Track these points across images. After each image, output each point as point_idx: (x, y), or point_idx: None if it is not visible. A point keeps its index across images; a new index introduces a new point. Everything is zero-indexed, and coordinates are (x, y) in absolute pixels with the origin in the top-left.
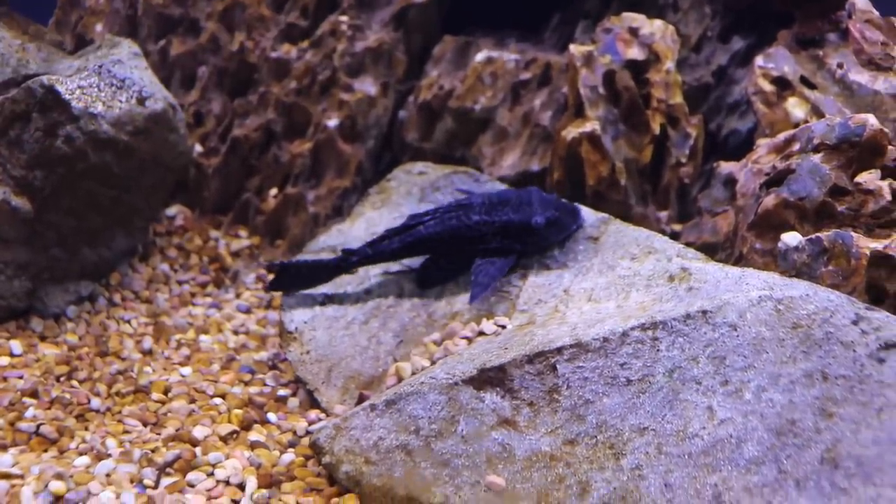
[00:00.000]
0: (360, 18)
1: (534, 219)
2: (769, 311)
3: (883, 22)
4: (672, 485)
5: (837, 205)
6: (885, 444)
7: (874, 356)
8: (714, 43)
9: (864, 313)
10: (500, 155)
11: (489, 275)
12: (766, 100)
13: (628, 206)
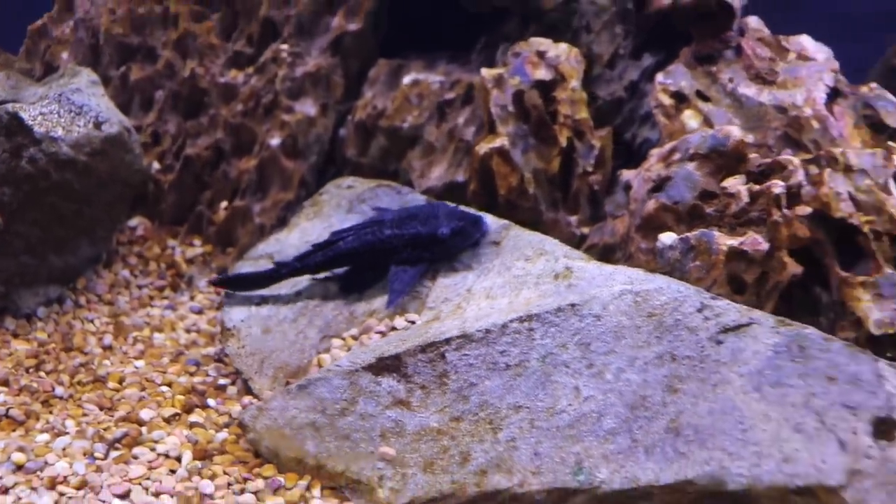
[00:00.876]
0: (300, 46)
1: (440, 230)
2: (629, 302)
3: (772, 39)
4: (541, 454)
5: (706, 207)
6: (718, 413)
7: (714, 339)
8: (626, 60)
9: (708, 302)
10: (429, 168)
11: (404, 281)
12: (665, 112)
13: (539, 213)
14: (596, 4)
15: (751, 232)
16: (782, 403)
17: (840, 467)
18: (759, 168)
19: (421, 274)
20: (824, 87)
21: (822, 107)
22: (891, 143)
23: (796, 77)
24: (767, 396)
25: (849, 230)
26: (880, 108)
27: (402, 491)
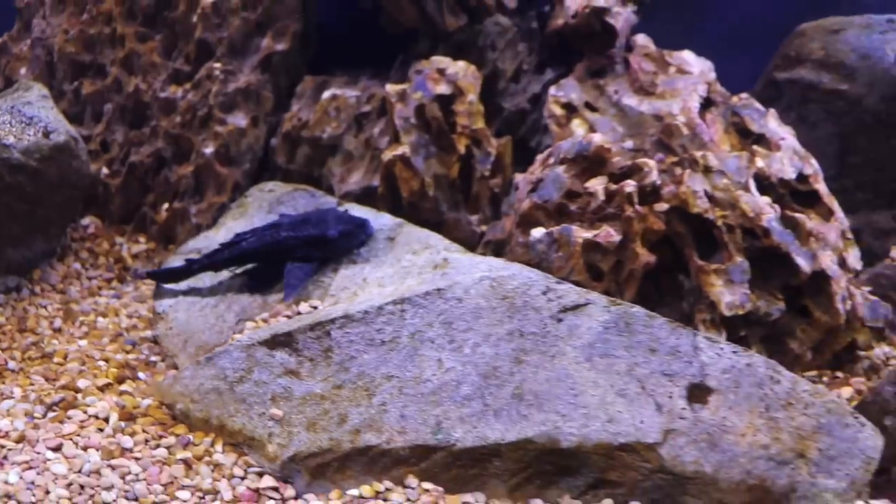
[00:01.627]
0: (233, 64)
1: (329, 232)
2: (487, 287)
3: (657, 54)
4: (406, 416)
5: (570, 205)
6: (554, 381)
7: (555, 317)
8: (530, 75)
9: (553, 286)
10: (348, 174)
11: (298, 277)
12: (557, 121)
13: (440, 213)
14: (499, 25)
15: (605, 226)
16: (609, 372)
17: (657, 427)
18: (621, 170)
19: (314, 270)
20: (698, 97)
21: (695, 115)
22: (755, 146)
23: (674, 88)
24: (597, 366)
25: (706, 224)
26: (746, 115)
27: (288, 446)
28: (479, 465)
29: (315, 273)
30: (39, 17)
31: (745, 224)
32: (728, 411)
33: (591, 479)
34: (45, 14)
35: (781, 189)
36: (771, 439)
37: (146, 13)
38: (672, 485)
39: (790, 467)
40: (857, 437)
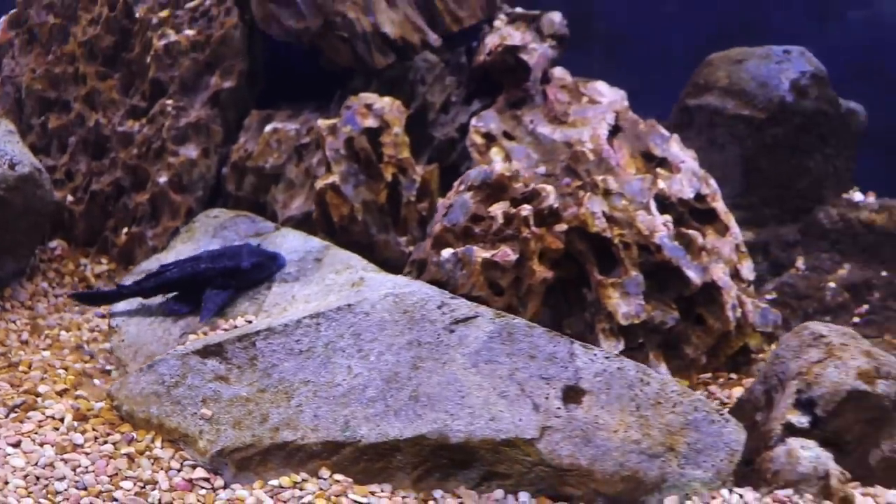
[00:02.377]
0: (184, 101)
1: (242, 264)
2: (390, 302)
3: (573, 86)
4: (319, 416)
5: (475, 228)
6: (444, 384)
7: (447, 328)
8: (459, 106)
9: (447, 300)
10: (290, 200)
11: (214, 302)
12: (478, 150)
13: (370, 235)
14: (427, 61)
15: (504, 246)
16: (492, 376)
17: (534, 424)
18: (522, 195)
19: (229, 297)
20: (607, 124)
21: (603, 141)
22: (658, 169)
23: (584, 117)
24: (482, 371)
25: (604, 242)
26: (650, 141)
27: (216, 442)
28: (383, 459)
29: (231, 299)
30: (9, 58)
31: (640, 241)
32: (600, 410)
33: (483, 472)
34: (14, 54)
35: (681, 208)
36: (642, 435)
37: (105, 54)
38: (552, 476)
39: (661, 460)
40: (721, 432)
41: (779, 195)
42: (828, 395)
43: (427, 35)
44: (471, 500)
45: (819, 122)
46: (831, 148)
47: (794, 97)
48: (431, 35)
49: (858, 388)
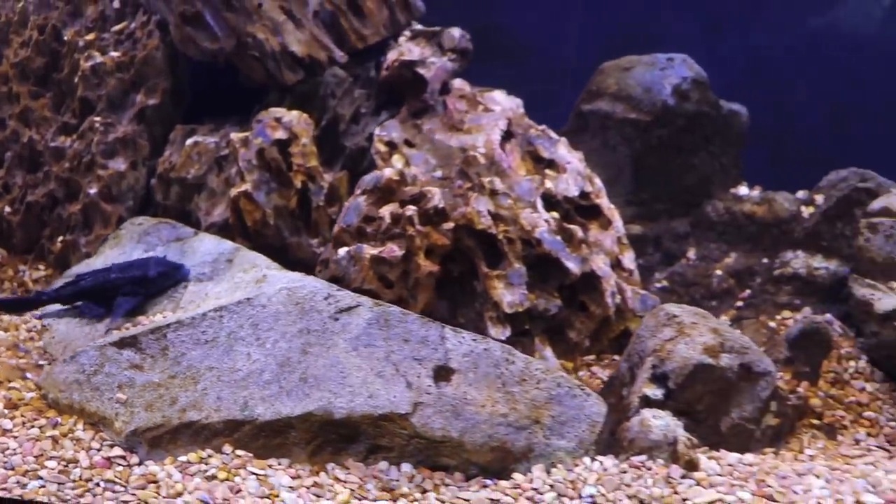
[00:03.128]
0: (111, 117)
1: (149, 273)
2: (284, 295)
3: (471, 95)
4: (222, 398)
5: (367, 227)
6: (329, 366)
7: (332, 317)
8: (368, 117)
9: (333, 292)
10: (212, 208)
11: (123, 307)
12: (382, 157)
13: (283, 238)
14: (336, 76)
15: (391, 244)
16: (371, 358)
17: (407, 401)
18: (411, 197)
19: (139, 302)
20: (499, 130)
21: (496, 146)
22: (546, 170)
23: (479, 124)
24: (361, 354)
25: (491, 238)
26: (539, 144)
27: (130, 423)
28: (280, 436)
29: (140, 304)
30: None
31: (523, 236)
32: (468, 387)
33: (369, 445)
34: None
35: (567, 205)
36: (509, 409)
37: (37, 74)
38: (428, 448)
39: (527, 431)
40: (583, 405)
41: (668, 191)
42: (678, 370)
43: (333, 52)
44: (358, 471)
45: (701, 122)
46: (715, 146)
47: (675, 101)
48: (337, 52)
49: (704, 362)
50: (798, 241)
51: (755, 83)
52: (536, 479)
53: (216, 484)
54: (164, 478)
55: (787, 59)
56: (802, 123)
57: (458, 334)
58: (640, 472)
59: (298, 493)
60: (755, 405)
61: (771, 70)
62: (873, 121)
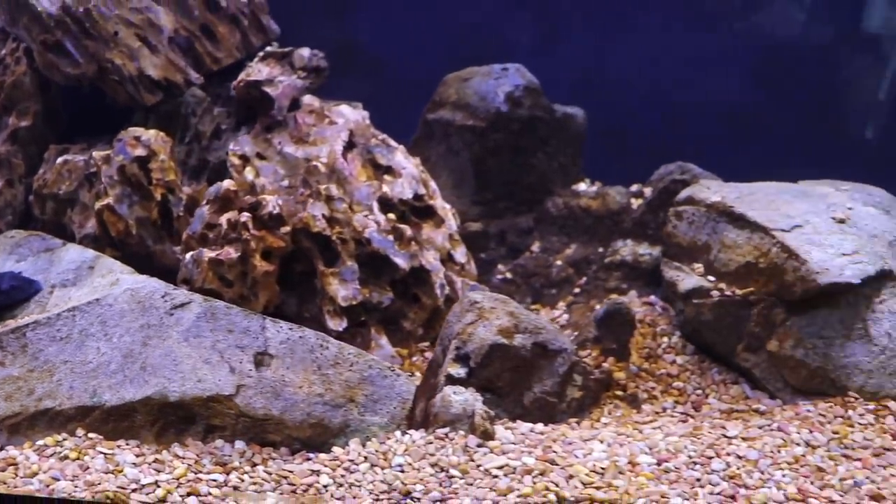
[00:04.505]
0: None
1: (1, 286)
2: (128, 295)
3: (319, 109)
4: (74, 387)
5: (209, 234)
6: (164, 356)
7: (168, 312)
8: (229, 133)
9: (170, 291)
10: (85, 221)
11: None
12: (236, 170)
13: (147, 247)
14: (196, 97)
15: (228, 247)
16: (199, 347)
17: (231, 383)
18: (250, 205)
19: None
20: (342, 141)
21: (338, 156)
22: (385, 176)
23: (323, 136)
24: (192, 344)
25: (326, 239)
26: (377, 153)
27: None
28: (127, 419)
29: None
30: None
31: (355, 237)
32: (286, 371)
33: (205, 425)
34: None
35: (402, 207)
36: (325, 389)
37: None
38: (255, 426)
39: (343, 409)
40: (394, 384)
41: (509, 190)
42: (477, 350)
43: (189, 75)
44: (196, 448)
45: (536, 126)
46: (552, 147)
47: (508, 107)
48: (193, 74)
49: (498, 342)
50: (627, 230)
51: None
52: (352, 452)
53: (68, 463)
54: (23, 461)
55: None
56: (644, 122)
57: (276, 324)
58: (444, 442)
59: (141, 468)
60: (554, 380)
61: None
62: (711, 119)
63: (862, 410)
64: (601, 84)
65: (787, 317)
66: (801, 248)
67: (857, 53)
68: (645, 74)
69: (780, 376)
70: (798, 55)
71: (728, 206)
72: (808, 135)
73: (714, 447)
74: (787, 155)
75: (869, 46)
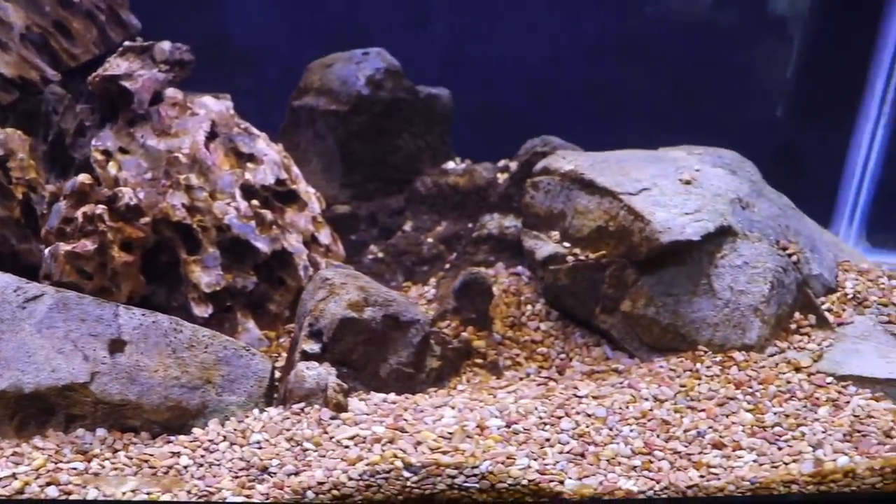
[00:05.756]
0: None
1: None
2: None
3: (182, 101)
4: None
5: (66, 228)
6: (17, 348)
7: (21, 306)
8: (93, 129)
9: (22, 285)
10: None
11: None
12: (100, 165)
13: (11, 246)
14: (56, 94)
15: (84, 240)
16: (52, 338)
17: (85, 371)
18: (106, 198)
19: None
20: (203, 132)
21: (201, 146)
22: (248, 163)
23: (185, 127)
24: (45, 335)
25: (188, 228)
26: (239, 141)
27: None
28: None
29: None
30: None
31: (216, 224)
32: (140, 356)
33: (65, 415)
34: None
35: (265, 193)
36: (181, 372)
37: None
38: (113, 411)
39: (201, 391)
40: (250, 364)
41: (378, 172)
42: (328, 325)
43: (45, 72)
44: (57, 438)
45: (399, 107)
46: (417, 127)
47: (370, 90)
48: (49, 71)
49: (348, 316)
50: (494, 204)
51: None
52: (212, 432)
53: None
54: None
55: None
56: (514, 100)
57: (129, 311)
58: (299, 417)
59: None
60: (410, 350)
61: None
62: (578, 95)
63: (709, 363)
64: (470, 64)
65: (638, 277)
66: (647, 210)
67: (718, 26)
68: (512, 53)
69: (636, 335)
70: (662, 29)
71: (580, 173)
72: (672, 106)
73: (564, 407)
74: (654, 126)
75: (726, 17)
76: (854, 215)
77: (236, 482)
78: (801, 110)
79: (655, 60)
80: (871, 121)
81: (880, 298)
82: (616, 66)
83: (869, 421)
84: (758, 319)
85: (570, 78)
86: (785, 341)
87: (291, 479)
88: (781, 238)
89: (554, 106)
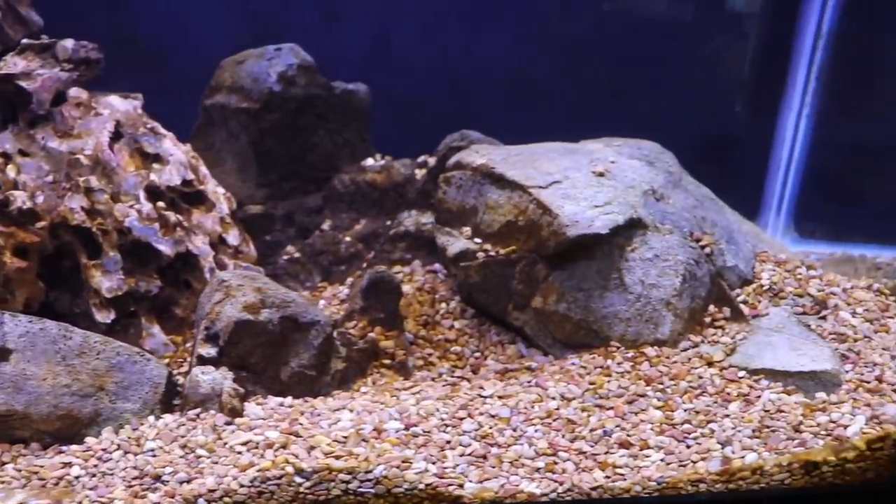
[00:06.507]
0: None
1: None
2: None
3: (87, 101)
4: None
5: None
6: None
7: None
8: None
9: None
10: None
11: None
12: None
13: None
14: None
15: None
16: None
17: None
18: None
19: None
20: (107, 132)
21: (104, 148)
22: (154, 164)
23: (88, 128)
24: None
25: (87, 231)
26: (144, 141)
27: None
28: None
29: None
30: None
31: (117, 227)
32: (27, 364)
33: None
34: None
35: (171, 194)
36: (72, 380)
37: None
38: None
39: (93, 398)
40: (144, 370)
41: (293, 170)
42: (224, 328)
43: None
44: None
45: (314, 104)
46: (333, 124)
47: (282, 87)
48: None
49: (244, 318)
50: (412, 201)
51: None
52: (105, 441)
53: None
54: None
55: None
56: (434, 95)
57: (15, 318)
58: (194, 423)
59: None
60: (311, 353)
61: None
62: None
63: (621, 359)
64: (390, 60)
65: (549, 272)
66: (555, 203)
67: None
68: (433, 47)
69: (549, 332)
70: (587, 22)
71: (491, 167)
72: (596, 99)
73: (468, 408)
74: (578, 120)
75: (649, 9)
76: (781, 206)
77: (129, 491)
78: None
79: (581, 53)
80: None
81: (796, 289)
82: (541, 59)
83: (779, 416)
84: (670, 313)
85: (494, 72)
86: (699, 335)
87: (183, 487)
88: (696, 230)
89: (478, 100)
